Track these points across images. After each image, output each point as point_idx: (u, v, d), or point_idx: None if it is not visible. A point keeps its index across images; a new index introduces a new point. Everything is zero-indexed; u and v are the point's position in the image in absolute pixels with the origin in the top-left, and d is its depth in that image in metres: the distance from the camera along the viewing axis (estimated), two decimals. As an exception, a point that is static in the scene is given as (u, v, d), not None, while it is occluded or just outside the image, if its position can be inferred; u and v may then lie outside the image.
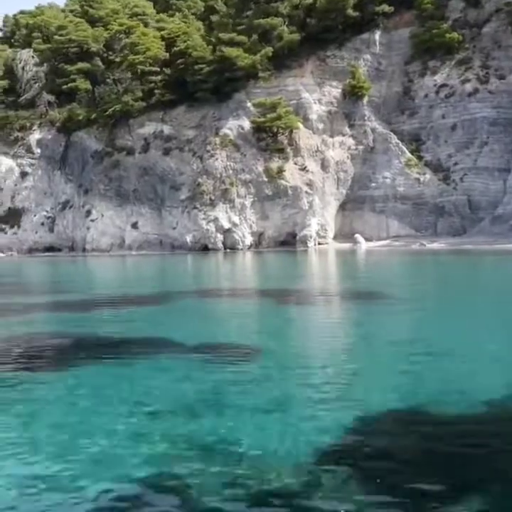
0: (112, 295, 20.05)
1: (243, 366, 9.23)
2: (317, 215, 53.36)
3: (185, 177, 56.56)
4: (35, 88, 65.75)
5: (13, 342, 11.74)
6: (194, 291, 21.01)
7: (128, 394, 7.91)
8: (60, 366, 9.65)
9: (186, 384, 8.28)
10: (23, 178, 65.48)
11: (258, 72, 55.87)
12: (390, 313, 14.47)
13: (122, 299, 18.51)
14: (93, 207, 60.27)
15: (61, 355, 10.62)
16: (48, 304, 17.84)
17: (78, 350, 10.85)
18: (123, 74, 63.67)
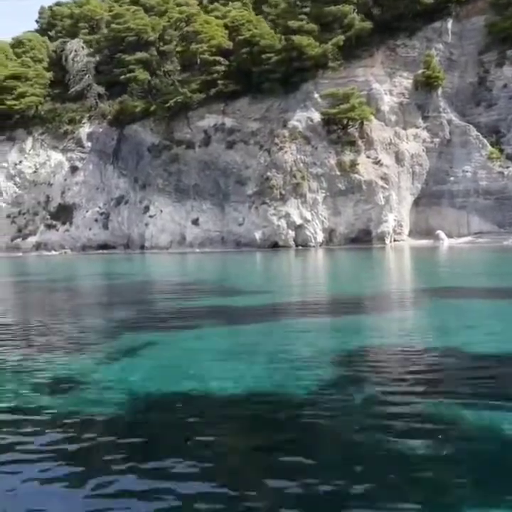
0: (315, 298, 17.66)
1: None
2: (394, 211, 51.06)
3: (251, 171, 54.24)
4: (85, 79, 63.34)
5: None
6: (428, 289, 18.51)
7: None
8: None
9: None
10: (73, 173, 63.15)
11: (328, 61, 53.50)
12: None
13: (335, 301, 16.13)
14: (151, 202, 57.95)
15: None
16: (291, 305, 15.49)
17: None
18: (173, 64, 61.50)
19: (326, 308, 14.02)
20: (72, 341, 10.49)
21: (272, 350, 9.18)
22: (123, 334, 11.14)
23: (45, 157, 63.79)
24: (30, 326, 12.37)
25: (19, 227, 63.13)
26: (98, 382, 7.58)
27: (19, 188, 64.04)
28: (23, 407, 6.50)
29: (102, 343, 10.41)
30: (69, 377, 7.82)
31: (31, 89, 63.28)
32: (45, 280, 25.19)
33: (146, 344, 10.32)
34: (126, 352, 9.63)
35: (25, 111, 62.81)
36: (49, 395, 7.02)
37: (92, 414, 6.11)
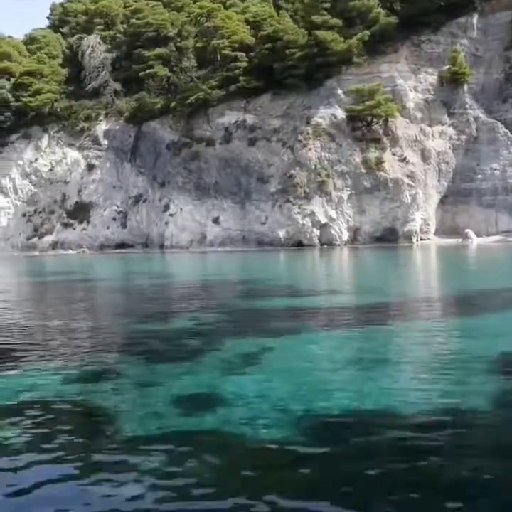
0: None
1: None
2: (420, 209, 50.15)
3: (274, 169, 53.32)
4: (102, 76, 62.39)
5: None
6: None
7: None
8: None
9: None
10: (89, 171, 62.21)
11: (352, 57, 52.56)
12: None
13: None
14: (171, 201, 57.03)
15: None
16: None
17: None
18: (189, 61, 60.59)
19: (425, 309, 13.10)
20: (180, 348, 9.56)
21: (397, 356, 8.30)
22: (230, 339, 10.22)
23: (61, 155, 62.86)
24: (134, 331, 11.43)
25: (35, 226, 62.19)
26: (236, 397, 6.65)
27: (35, 186, 63.11)
28: (171, 431, 5.60)
29: (212, 350, 9.50)
30: (199, 393, 6.90)
31: (47, 86, 62.34)
32: (90, 280, 24.23)
33: (261, 350, 9.41)
34: (245, 360, 8.71)
35: (41, 108, 61.82)
36: (183, 413, 6.10)
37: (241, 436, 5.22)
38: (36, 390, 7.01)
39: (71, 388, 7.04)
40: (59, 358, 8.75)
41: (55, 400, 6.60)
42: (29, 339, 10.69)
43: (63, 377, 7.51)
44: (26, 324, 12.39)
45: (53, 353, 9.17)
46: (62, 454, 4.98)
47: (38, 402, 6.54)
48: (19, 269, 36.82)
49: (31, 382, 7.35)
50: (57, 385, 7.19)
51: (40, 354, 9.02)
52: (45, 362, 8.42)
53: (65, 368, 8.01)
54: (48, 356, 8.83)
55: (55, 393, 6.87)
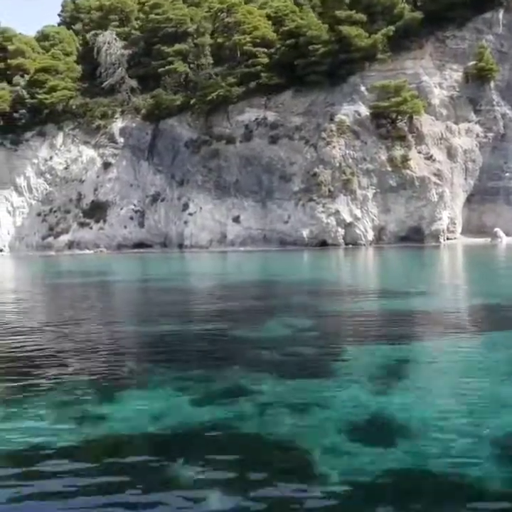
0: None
1: None
2: (448, 208, 49.16)
3: (296, 167, 52.30)
4: (118, 73, 61.33)
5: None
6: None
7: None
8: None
9: None
10: (105, 169, 61.11)
11: (377, 53, 51.54)
12: None
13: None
14: (190, 200, 55.98)
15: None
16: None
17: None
18: (206, 58, 59.53)
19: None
20: (301, 359, 8.55)
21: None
22: (351, 347, 9.21)
23: (76, 153, 61.78)
24: (225, 336, 10.42)
25: (50, 226, 61.10)
26: (412, 424, 5.69)
27: (50, 185, 62.03)
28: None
29: (337, 360, 8.50)
30: (365, 419, 5.93)
31: (62, 83, 61.26)
32: (138, 280, 23.12)
33: (398, 361, 8.43)
34: (387, 373, 7.73)
35: (57, 105, 60.76)
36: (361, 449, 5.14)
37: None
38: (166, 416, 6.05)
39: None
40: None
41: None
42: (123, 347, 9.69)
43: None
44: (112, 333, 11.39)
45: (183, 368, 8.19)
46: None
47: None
48: (44, 269, 35.76)
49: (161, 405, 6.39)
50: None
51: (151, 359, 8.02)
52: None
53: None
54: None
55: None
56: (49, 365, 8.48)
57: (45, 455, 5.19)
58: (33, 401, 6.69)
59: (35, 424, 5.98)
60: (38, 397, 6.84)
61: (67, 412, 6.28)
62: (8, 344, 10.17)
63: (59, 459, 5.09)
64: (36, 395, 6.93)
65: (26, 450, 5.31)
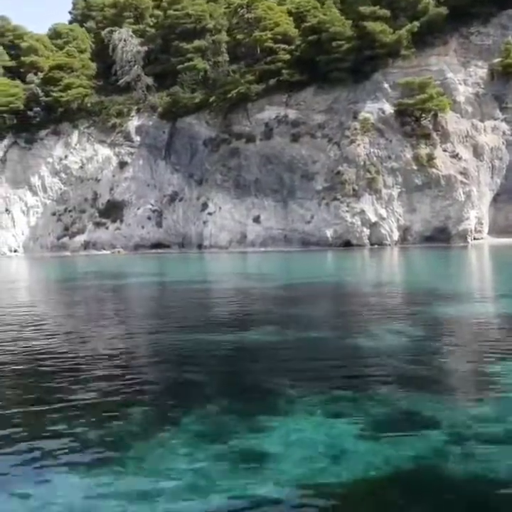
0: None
1: None
2: (475, 208, 48.16)
3: (319, 165, 51.31)
4: (134, 70, 60.32)
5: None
6: None
7: None
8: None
9: None
10: (121, 169, 60.14)
11: (401, 49, 50.54)
12: None
13: None
14: (209, 199, 54.97)
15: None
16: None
17: None
18: (222, 55, 58.56)
19: None
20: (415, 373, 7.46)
21: None
22: (464, 363, 8.15)
23: (91, 152, 60.79)
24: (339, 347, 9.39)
25: (65, 226, 60.12)
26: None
27: (65, 184, 61.04)
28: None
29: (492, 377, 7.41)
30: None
31: (78, 81, 60.26)
32: (192, 281, 21.98)
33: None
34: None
35: (72, 103, 59.76)
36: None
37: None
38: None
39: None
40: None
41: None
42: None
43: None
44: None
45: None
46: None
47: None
48: (74, 271, 34.75)
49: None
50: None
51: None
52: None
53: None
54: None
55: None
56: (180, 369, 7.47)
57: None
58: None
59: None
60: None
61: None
62: (119, 354, 9.17)
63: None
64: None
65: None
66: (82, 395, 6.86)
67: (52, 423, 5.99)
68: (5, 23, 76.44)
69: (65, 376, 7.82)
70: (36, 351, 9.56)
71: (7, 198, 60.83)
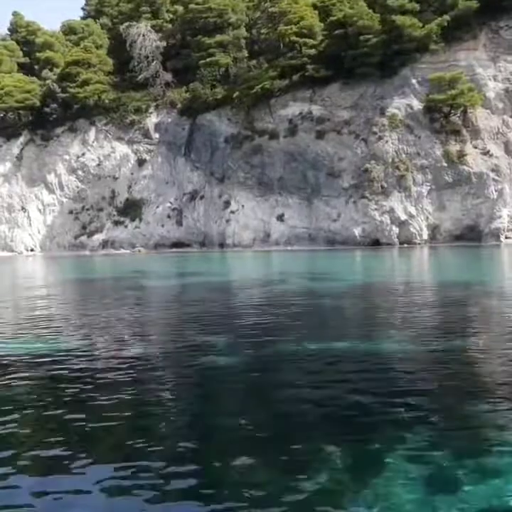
0: None
1: None
2: (508, 206, 46.97)
3: (346, 162, 50.13)
4: (153, 66, 59.12)
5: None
6: None
7: None
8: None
9: None
10: (140, 166, 58.96)
11: (430, 44, 49.33)
12: None
13: None
14: (231, 197, 53.77)
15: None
16: None
17: None
18: (242, 51, 57.48)
19: None
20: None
21: None
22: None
23: (109, 149, 59.59)
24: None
25: (83, 224, 58.94)
26: None
27: (82, 182, 59.84)
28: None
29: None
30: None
31: (95, 76, 59.08)
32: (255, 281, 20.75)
33: None
34: None
35: (89, 99, 58.57)
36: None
37: None
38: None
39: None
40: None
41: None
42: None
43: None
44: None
45: None
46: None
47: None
48: (113, 270, 33.52)
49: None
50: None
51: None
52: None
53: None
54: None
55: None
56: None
57: None
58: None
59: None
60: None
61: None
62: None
63: None
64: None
65: None
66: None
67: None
68: (17, 19, 75.44)
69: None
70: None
71: (23, 196, 59.67)
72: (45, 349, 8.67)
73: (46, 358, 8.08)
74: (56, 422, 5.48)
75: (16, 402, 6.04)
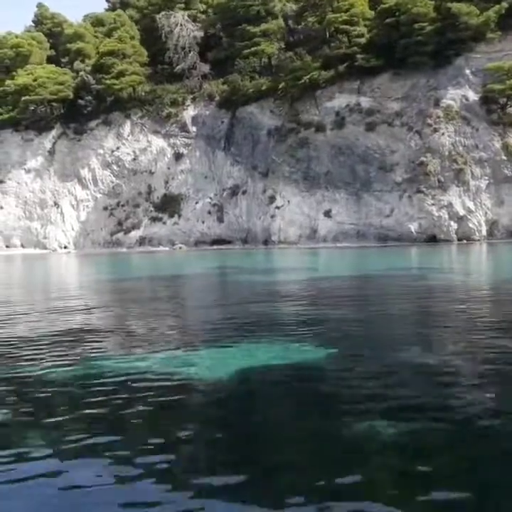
0: None
1: None
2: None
3: (398, 156, 48.23)
4: (190, 57, 57.18)
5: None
6: None
7: None
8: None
9: None
10: (177, 160, 57.01)
11: (487, 33, 47.43)
12: None
13: None
14: (276, 192, 51.84)
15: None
16: None
17: None
18: (278, 42, 55.57)
19: None
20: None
21: None
22: None
23: (145, 143, 57.64)
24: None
25: (119, 221, 56.98)
26: None
27: (116, 177, 57.90)
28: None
29: None
30: None
31: (131, 68, 57.14)
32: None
33: None
34: None
35: (125, 91, 56.65)
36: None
37: None
38: None
39: None
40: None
41: None
42: None
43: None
44: None
45: None
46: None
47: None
48: (187, 267, 31.49)
49: None
50: None
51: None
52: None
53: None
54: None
55: None
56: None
57: None
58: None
59: None
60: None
61: None
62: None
63: None
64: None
65: None
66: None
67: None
68: (42, 11, 73.53)
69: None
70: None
71: (56, 192, 57.73)
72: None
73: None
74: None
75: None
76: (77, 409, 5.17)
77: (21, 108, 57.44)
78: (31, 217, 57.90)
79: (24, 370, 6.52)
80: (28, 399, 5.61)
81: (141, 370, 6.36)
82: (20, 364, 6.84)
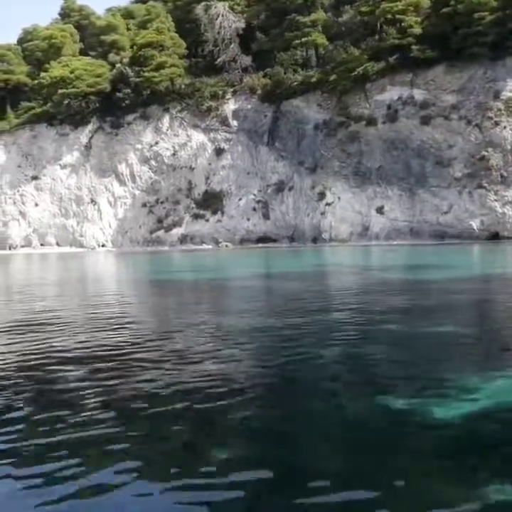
0: None
1: None
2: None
3: (457, 150, 46.50)
4: (231, 49, 55.36)
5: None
6: None
7: None
8: None
9: None
10: (218, 156, 55.17)
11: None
12: None
13: None
14: (326, 188, 50.07)
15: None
16: None
17: None
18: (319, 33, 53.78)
19: None
20: None
21: None
22: None
23: (185, 138, 55.79)
24: None
25: (158, 218, 55.12)
26: None
27: (155, 173, 56.05)
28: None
29: None
30: None
31: (170, 60, 55.28)
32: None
33: None
34: None
35: (164, 83, 54.77)
36: None
37: None
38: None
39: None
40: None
41: None
42: None
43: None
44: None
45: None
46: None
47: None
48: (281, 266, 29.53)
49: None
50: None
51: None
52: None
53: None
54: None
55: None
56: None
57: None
58: None
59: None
60: None
61: None
62: None
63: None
64: None
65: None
66: None
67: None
68: (69, 3, 71.71)
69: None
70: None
71: (92, 188, 55.85)
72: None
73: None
74: None
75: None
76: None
77: (56, 102, 55.50)
78: (67, 214, 56.03)
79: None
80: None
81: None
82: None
